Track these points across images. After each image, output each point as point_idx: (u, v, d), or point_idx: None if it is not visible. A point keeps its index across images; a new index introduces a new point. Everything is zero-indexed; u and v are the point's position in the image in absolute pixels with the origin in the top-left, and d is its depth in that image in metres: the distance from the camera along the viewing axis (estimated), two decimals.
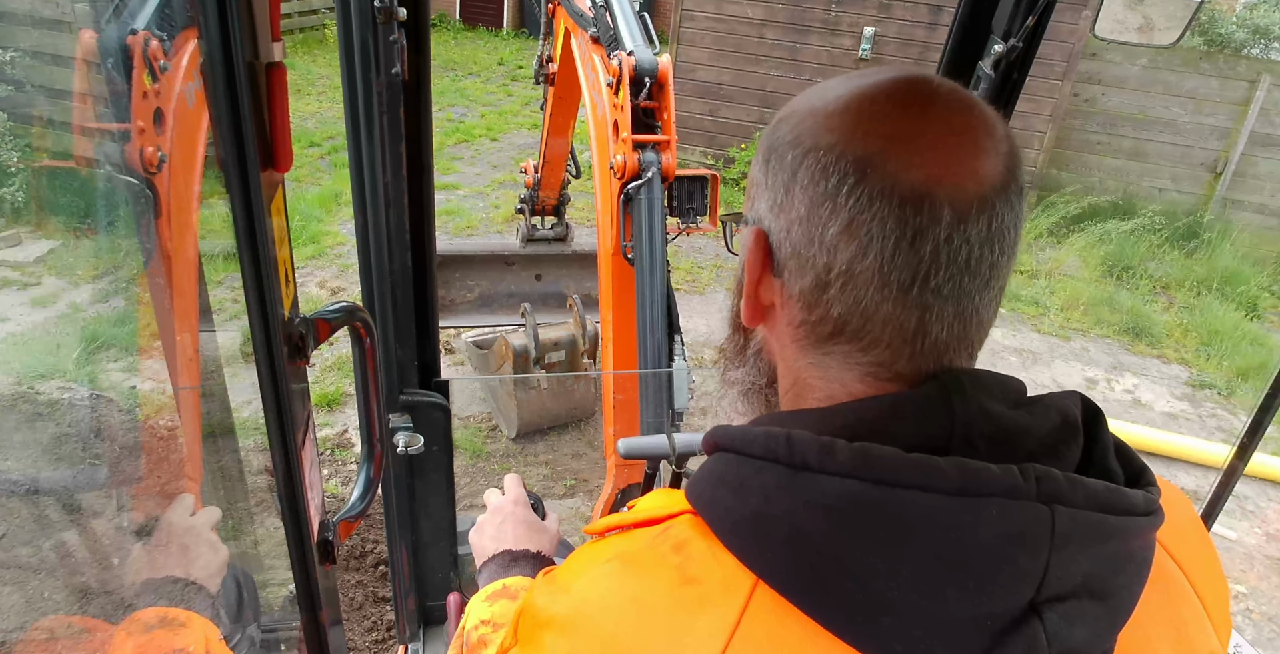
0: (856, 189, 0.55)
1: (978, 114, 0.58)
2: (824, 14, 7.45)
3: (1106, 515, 0.53)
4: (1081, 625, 0.52)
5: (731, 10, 7.63)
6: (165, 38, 1.05)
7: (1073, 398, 0.59)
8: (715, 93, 7.94)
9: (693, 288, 6.09)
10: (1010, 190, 0.57)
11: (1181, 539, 0.66)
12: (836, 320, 0.59)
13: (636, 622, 0.54)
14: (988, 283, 0.57)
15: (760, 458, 0.55)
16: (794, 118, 0.61)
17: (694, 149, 8.15)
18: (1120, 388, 5.35)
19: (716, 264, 6.45)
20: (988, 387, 0.56)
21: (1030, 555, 0.50)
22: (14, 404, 1.58)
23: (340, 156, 8.24)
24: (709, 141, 8.09)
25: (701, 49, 7.83)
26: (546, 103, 3.63)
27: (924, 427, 0.54)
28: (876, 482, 0.50)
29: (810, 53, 7.58)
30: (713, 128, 8.06)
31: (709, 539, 0.55)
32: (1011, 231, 0.57)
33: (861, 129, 0.57)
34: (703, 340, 5.31)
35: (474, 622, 1.03)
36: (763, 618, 0.52)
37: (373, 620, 3.10)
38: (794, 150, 0.59)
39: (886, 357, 0.58)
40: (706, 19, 7.74)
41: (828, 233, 0.57)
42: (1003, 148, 0.57)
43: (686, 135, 8.09)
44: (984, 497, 0.50)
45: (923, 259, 0.55)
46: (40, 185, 2.16)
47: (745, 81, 7.82)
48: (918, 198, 0.54)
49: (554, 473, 4.07)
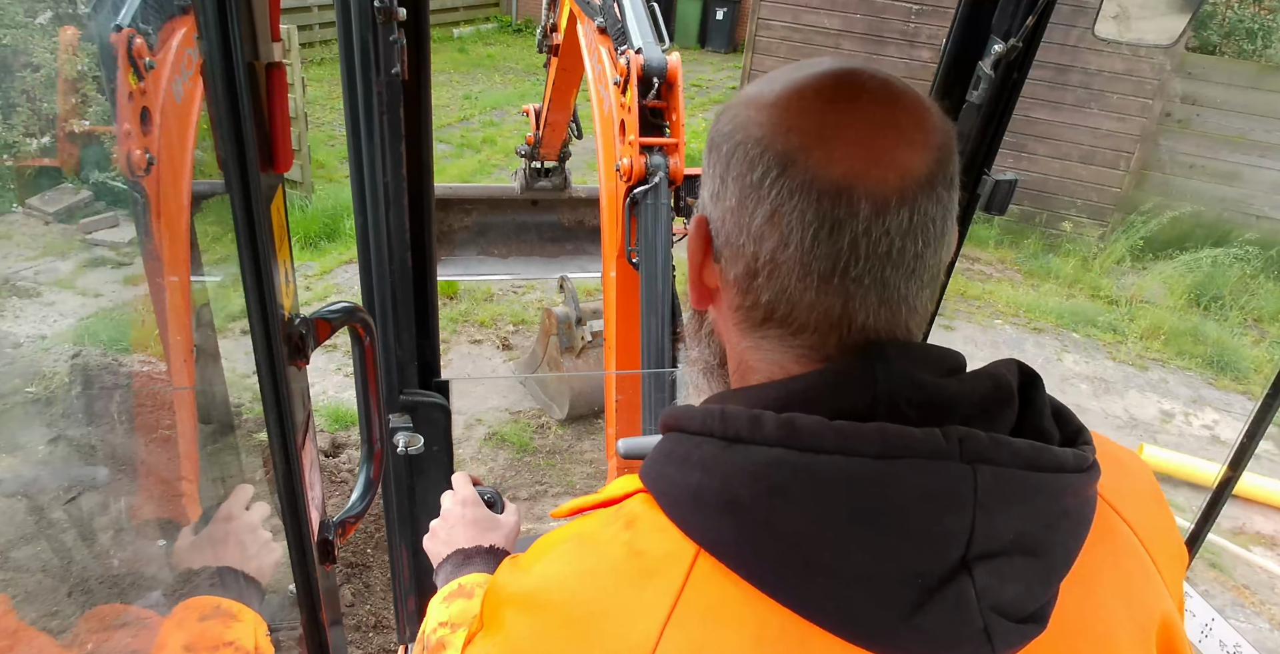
0: (779, 182, 0.57)
1: (905, 107, 0.59)
2: (902, 25, 7.29)
3: (1033, 472, 0.54)
4: (1014, 581, 0.53)
5: (808, 20, 7.50)
6: (150, 32, 1.04)
7: (1009, 365, 0.61)
8: None
9: None
10: (937, 182, 0.58)
11: (1135, 502, 0.67)
12: (766, 306, 0.61)
13: (589, 595, 0.57)
14: (913, 272, 0.59)
15: (699, 433, 0.57)
16: (732, 109, 0.63)
17: None
18: (1199, 423, 5.12)
19: None
20: (917, 357, 0.58)
21: (955, 514, 0.51)
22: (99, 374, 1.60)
23: None
24: None
25: (776, 58, 7.69)
26: (549, 72, 3.64)
27: (848, 395, 0.56)
28: (801, 449, 0.52)
29: (887, 64, 7.32)
30: None
31: (656, 513, 0.58)
32: (937, 223, 0.59)
33: (786, 123, 0.58)
34: None
35: (433, 624, 1.03)
36: (704, 586, 0.54)
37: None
38: (728, 142, 0.61)
39: (816, 340, 0.60)
40: (782, 28, 7.63)
41: (754, 223, 0.59)
42: (932, 140, 0.58)
43: None
44: (905, 458, 0.52)
45: (841, 250, 0.57)
46: None
47: None
48: (836, 192, 0.56)
49: (597, 472, 4.11)
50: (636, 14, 2.08)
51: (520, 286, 5.83)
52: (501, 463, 4.13)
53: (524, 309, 5.47)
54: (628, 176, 1.93)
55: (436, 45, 12.39)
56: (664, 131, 2.01)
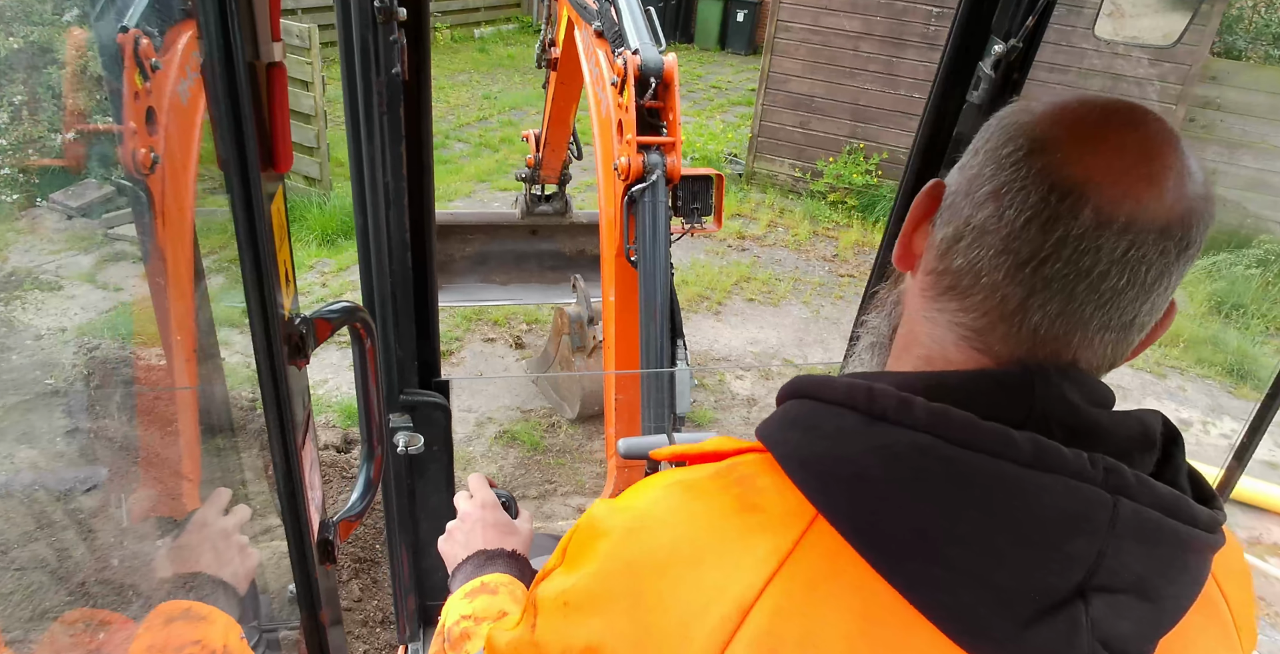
0: (1023, 161, 0.58)
1: (1177, 157, 0.58)
2: (923, 28, 7.19)
3: (1169, 519, 0.53)
4: (1126, 621, 0.52)
5: (828, 22, 7.42)
6: (156, 34, 1.04)
7: (1156, 416, 0.60)
8: (806, 105, 7.75)
9: (768, 299, 6.00)
10: (1171, 235, 0.56)
11: (1234, 581, 0.67)
12: (954, 273, 0.61)
13: (696, 536, 0.56)
14: (1104, 304, 0.57)
15: (838, 404, 0.57)
16: (1021, 102, 0.65)
17: (782, 160, 8.00)
18: (1216, 432, 5.02)
19: (794, 277, 6.35)
20: (1076, 382, 0.58)
21: (1087, 538, 0.51)
22: (117, 368, 1.62)
23: (439, 153, 8.33)
24: (797, 154, 7.91)
25: (795, 60, 7.64)
26: (548, 87, 3.64)
27: (1004, 402, 0.56)
28: (950, 440, 0.52)
29: (907, 67, 7.30)
30: (802, 140, 7.87)
31: (774, 474, 0.58)
32: (1151, 273, 0.57)
33: (1057, 119, 0.59)
34: (771, 351, 5.31)
35: (454, 617, 1.02)
36: (817, 549, 0.54)
37: None
38: (1000, 122, 0.63)
39: (984, 325, 0.60)
40: (802, 30, 7.55)
41: (982, 190, 0.60)
42: (1185, 198, 0.57)
43: (775, 146, 7.96)
44: (1052, 473, 0.51)
45: (1046, 244, 0.56)
46: None
47: (838, 95, 7.60)
48: (1068, 189, 0.56)
49: (605, 473, 4.11)
50: (633, 16, 2.10)
51: None
52: (511, 461, 4.14)
53: (537, 308, 5.48)
54: (625, 175, 1.94)
55: (458, 45, 12.44)
56: (661, 131, 2.02)
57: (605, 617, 0.57)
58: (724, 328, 5.56)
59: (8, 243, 3.80)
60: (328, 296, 5.44)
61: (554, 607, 0.62)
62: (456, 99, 10.13)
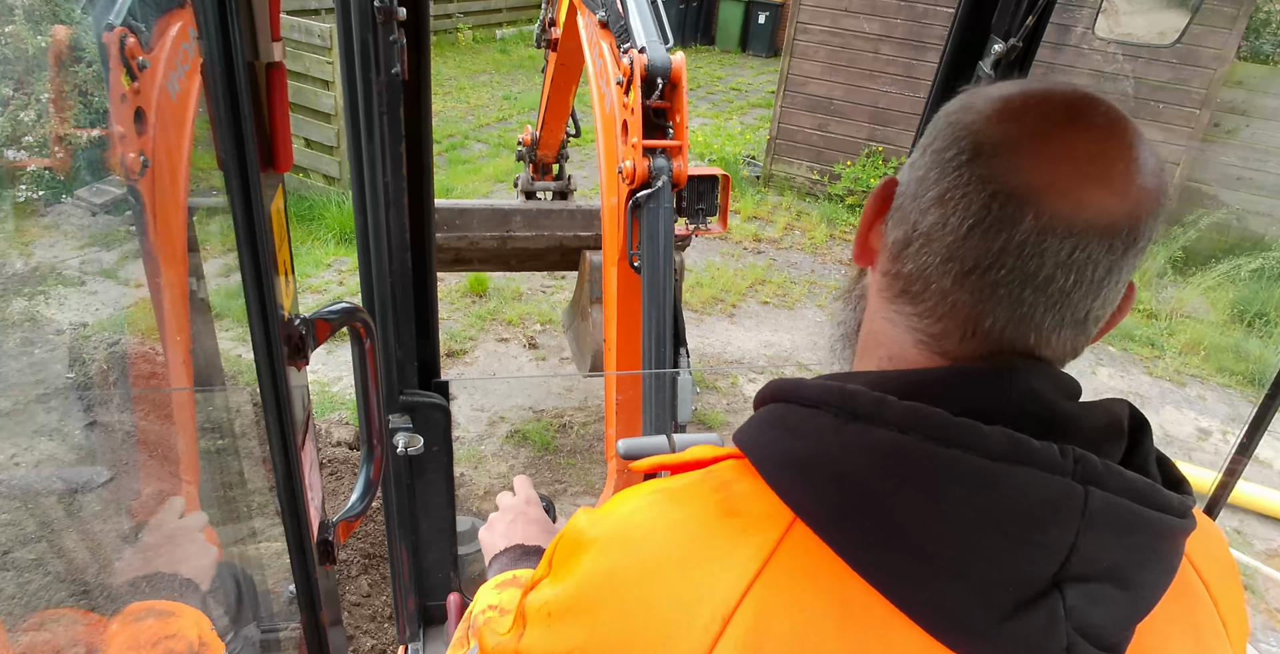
0: (965, 167, 0.58)
1: (1124, 152, 0.57)
2: (943, 31, 7.08)
3: (1139, 506, 0.54)
4: (1102, 609, 0.53)
5: (848, 24, 7.38)
6: (144, 29, 1.02)
7: (1122, 405, 0.60)
8: (825, 107, 7.71)
9: (782, 302, 5.97)
10: (1117, 232, 0.56)
11: (1214, 567, 0.67)
12: (906, 278, 0.62)
13: (677, 544, 0.57)
14: (1054, 305, 0.58)
15: (814, 405, 0.58)
16: (971, 94, 0.64)
17: (799, 163, 7.96)
18: (1236, 441, 4.98)
19: (810, 280, 6.32)
20: (1045, 375, 0.58)
21: (1060, 528, 0.52)
22: (135, 363, 1.64)
23: (457, 154, 8.36)
24: (815, 156, 7.87)
25: (814, 62, 7.61)
26: (547, 67, 3.59)
27: (975, 398, 0.56)
28: (925, 437, 0.53)
29: (926, 70, 7.22)
30: (820, 143, 7.83)
31: (752, 479, 0.58)
32: (1099, 271, 0.57)
33: (999, 119, 0.59)
34: (785, 354, 5.29)
35: (482, 606, 1.04)
36: (796, 552, 0.54)
37: None
38: (946, 118, 0.63)
39: (940, 331, 0.61)
40: (821, 32, 7.50)
41: (927, 196, 0.60)
42: (1132, 194, 0.57)
43: (793, 149, 7.93)
44: (1023, 465, 0.52)
45: (989, 252, 0.57)
46: None
47: (857, 97, 7.56)
48: (1009, 196, 0.56)
49: None
50: (640, 11, 2.02)
51: (549, 286, 5.84)
52: (522, 461, 4.15)
53: (552, 309, 5.48)
54: (630, 179, 1.89)
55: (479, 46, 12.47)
56: (667, 133, 1.96)
57: (588, 626, 0.57)
58: (738, 331, 5.55)
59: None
60: (344, 294, 5.48)
61: (539, 617, 0.62)
62: (477, 99, 10.17)
